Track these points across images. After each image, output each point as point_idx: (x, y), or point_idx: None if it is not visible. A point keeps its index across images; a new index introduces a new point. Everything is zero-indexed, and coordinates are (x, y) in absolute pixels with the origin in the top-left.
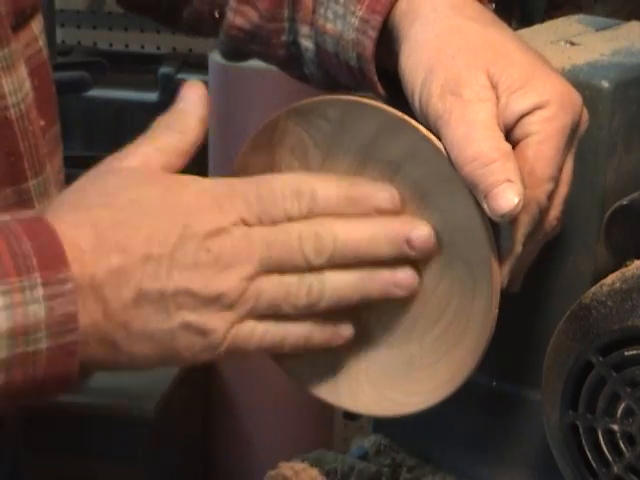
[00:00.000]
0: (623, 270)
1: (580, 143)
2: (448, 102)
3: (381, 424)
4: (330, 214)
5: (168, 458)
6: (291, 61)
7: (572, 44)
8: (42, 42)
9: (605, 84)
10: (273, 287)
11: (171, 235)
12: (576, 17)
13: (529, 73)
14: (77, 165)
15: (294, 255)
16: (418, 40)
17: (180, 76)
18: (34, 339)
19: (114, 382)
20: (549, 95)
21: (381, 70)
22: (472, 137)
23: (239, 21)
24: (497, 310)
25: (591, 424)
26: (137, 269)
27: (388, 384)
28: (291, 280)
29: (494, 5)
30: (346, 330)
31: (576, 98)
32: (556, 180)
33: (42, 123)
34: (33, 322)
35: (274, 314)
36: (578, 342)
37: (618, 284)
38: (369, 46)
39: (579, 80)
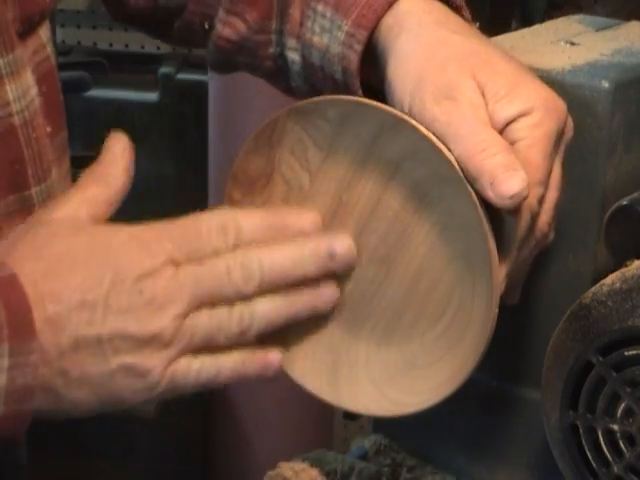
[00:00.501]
0: (623, 270)
1: (580, 143)
2: (445, 106)
3: (381, 424)
4: (256, 244)
5: (168, 458)
6: (278, 73)
7: (572, 44)
8: (50, 49)
9: (605, 84)
10: (206, 321)
11: (103, 280)
12: (576, 17)
13: (513, 81)
14: (77, 165)
15: (223, 287)
16: (405, 51)
17: (180, 76)
18: None
19: None
20: (534, 102)
21: (365, 86)
22: (477, 131)
23: (227, 32)
24: (497, 309)
25: (591, 424)
26: (72, 316)
27: (389, 383)
28: (222, 312)
29: (477, 24)
30: (275, 357)
31: (560, 105)
32: (545, 185)
33: (49, 130)
34: None
35: (207, 347)
36: (578, 342)
37: (618, 284)
38: (354, 60)
39: (579, 80)
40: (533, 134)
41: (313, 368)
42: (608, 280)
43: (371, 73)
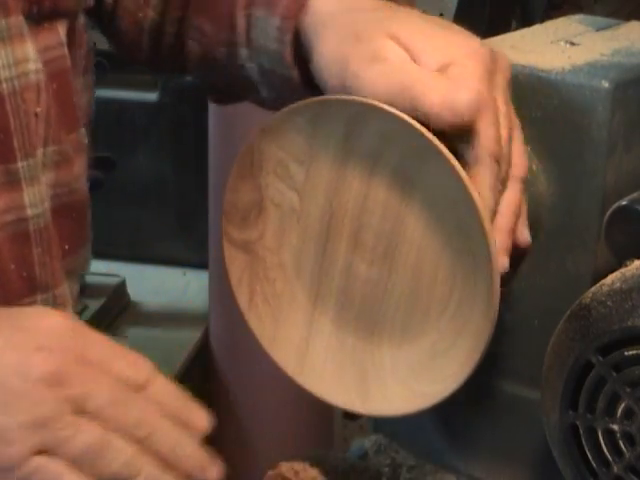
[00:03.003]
0: (623, 270)
1: (580, 143)
2: (377, 69)
3: (381, 424)
4: None
5: None
6: (248, 88)
7: (572, 44)
8: (66, 51)
9: (605, 84)
10: None
11: None
12: (576, 17)
13: (430, 35)
14: None
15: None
16: (321, 43)
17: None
18: None
19: None
20: (454, 53)
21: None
22: (419, 77)
23: (193, 45)
24: (499, 276)
25: (591, 424)
26: None
27: (414, 379)
28: None
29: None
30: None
31: (483, 51)
32: (491, 107)
33: (38, 110)
34: None
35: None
36: (578, 342)
37: (618, 284)
38: (288, 51)
39: (579, 80)
40: (460, 71)
41: (342, 385)
42: (608, 280)
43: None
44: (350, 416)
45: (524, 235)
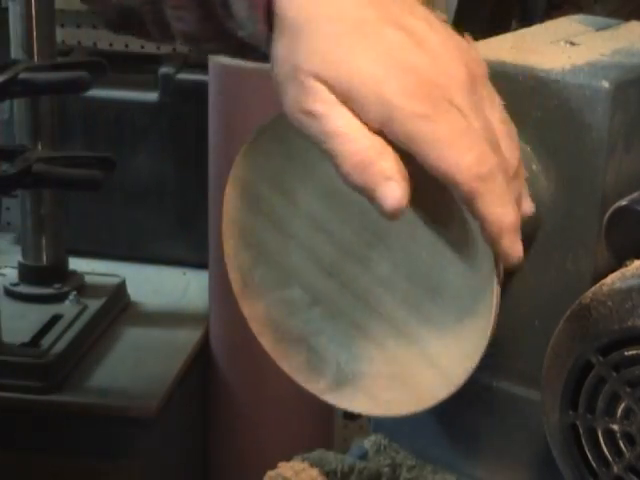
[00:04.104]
0: (623, 270)
1: (580, 143)
2: (305, 120)
3: (381, 424)
4: None
5: (168, 458)
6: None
7: (572, 44)
8: None
9: (605, 84)
10: None
11: None
12: (576, 17)
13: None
14: (77, 165)
15: None
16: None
17: (180, 76)
18: None
19: (114, 382)
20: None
21: None
22: (345, 141)
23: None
24: (499, 279)
25: (591, 424)
26: None
27: (452, 362)
28: None
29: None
30: None
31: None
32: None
33: None
34: None
35: None
36: (578, 342)
37: (618, 284)
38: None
39: (579, 80)
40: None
41: (367, 395)
42: (608, 280)
43: None
44: (350, 416)
45: (528, 205)
